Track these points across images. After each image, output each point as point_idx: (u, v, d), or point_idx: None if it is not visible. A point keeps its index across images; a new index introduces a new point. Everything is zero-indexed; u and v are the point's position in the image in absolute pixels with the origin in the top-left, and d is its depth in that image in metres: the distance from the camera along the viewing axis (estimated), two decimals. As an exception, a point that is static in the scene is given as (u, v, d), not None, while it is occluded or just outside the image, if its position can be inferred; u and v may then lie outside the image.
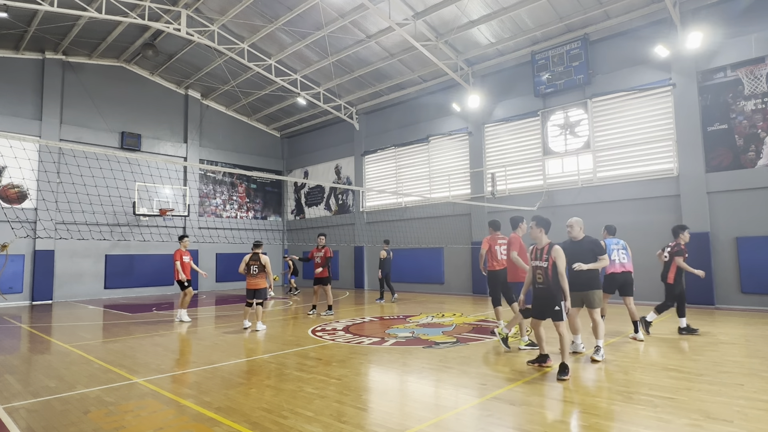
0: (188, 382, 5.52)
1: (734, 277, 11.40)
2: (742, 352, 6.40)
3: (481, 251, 7.99)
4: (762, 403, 4.27)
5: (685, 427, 3.74)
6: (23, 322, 11.53)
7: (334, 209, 22.25)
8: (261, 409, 4.39)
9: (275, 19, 15.30)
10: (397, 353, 6.87)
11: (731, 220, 11.50)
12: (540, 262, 5.63)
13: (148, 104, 19.88)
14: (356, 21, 14.89)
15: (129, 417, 4.25)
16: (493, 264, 7.78)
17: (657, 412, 4.07)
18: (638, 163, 13.09)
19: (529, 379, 5.25)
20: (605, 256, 6.34)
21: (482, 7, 13.69)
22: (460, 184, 17.27)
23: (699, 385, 4.88)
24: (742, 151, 11.47)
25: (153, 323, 10.72)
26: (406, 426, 3.90)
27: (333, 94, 20.02)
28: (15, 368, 6.40)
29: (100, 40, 17.10)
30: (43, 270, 16.45)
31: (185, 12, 15.02)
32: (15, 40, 16.09)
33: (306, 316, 11.40)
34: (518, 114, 15.61)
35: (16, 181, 16.16)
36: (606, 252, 6.55)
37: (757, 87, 11.31)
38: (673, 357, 6.21)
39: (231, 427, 3.95)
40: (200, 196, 21.43)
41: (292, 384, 5.27)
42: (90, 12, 13.53)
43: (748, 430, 3.64)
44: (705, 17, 11.98)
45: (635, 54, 13.17)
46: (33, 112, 16.89)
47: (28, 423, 4.16)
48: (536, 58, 14.83)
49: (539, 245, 5.79)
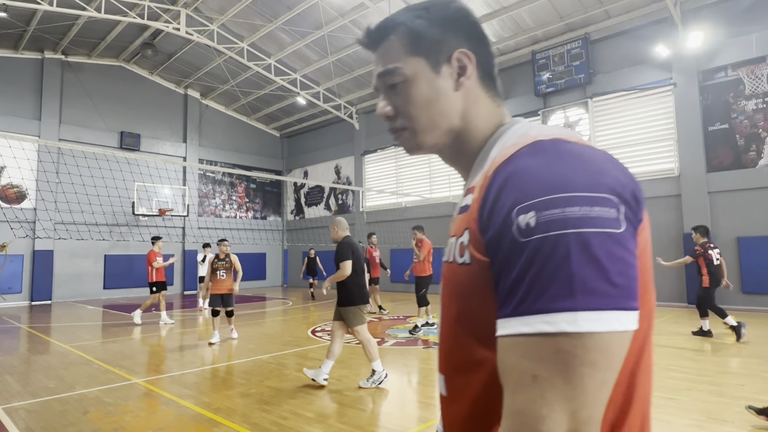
0: (188, 382, 5.51)
1: (735, 277, 11.38)
2: (743, 353, 6.39)
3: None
4: (763, 403, 4.25)
5: (686, 427, 3.72)
6: (22, 322, 11.51)
7: (334, 209, 22.23)
8: (261, 410, 4.38)
9: (275, 18, 15.28)
10: (397, 353, 6.85)
11: (732, 220, 11.49)
12: None
13: (147, 104, 19.86)
14: (356, 20, 14.87)
15: (128, 417, 4.23)
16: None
17: (658, 413, 4.06)
18: (639, 163, 13.08)
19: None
20: (346, 263, 5.13)
21: (482, 6, 13.66)
22: (460, 183, 17.25)
23: (700, 385, 4.87)
24: (743, 151, 11.45)
25: (153, 323, 10.70)
26: (406, 426, 3.88)
27: (333, 94, 20.00)
28: (14, 368, 6.38)
29: (100, 40, 17.08)
30: (42, 270, 16.42)
31: (184, 11, 15.00)
32: (14, 39, 16.07)
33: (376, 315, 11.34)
34: (519, 113, 15.58)
35: (15, 181, 16.14)
36: (346, 259, 5.15)
37: (758, 87, 11.30)
38: (674, 357, 6.19)
39: (231, 427, 3.93)
40: (199, 196, 21.40)
41: (292, 384, 5.25)
42: (89, 11, 13.51)
43: (748, 430, 3.63)
44: (706, 17, 11.96)
45: (636, 53, 13.16)
46: (32, 111, 16.86)
47: (27, 423, 4.15)
48: (537, 57, 14.81)
49: None
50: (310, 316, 11.38)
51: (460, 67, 0.77)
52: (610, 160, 0.60)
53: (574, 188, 0.55)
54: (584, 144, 0.63)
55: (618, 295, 0.52)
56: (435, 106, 0.77)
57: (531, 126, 0.72)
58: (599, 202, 0.54)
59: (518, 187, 0.58)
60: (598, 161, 0.59)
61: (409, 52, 0.77)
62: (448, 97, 0.77)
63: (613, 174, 0.58)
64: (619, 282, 0.52)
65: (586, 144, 0.64)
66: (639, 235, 0.58)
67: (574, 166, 0.57)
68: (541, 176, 0.57)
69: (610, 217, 0.54)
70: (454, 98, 0.77)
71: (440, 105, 0.77)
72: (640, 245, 0.59)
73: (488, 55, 0.80)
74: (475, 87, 0.78)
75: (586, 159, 0.59)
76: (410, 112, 0.78)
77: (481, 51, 0.79)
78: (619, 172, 0.59)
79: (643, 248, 0.60)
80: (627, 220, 0.55)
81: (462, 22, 0.78)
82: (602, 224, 0.53)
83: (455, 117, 0.77)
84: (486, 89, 0.79)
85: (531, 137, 0.66)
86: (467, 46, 0.77)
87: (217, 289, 8.14)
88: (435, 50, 0.77)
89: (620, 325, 0.52)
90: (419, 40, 0.77)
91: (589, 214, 0.53)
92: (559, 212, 0.54)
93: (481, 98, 0.78)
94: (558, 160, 0.59)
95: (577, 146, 0.62)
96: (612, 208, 0.55)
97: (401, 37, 0.78)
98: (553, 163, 0.58)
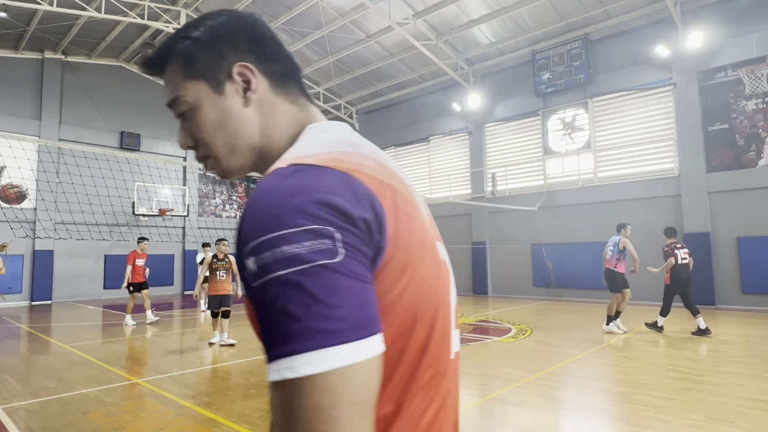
0: (188, 382, 5.51)
1: (735, 277, 11.38)
2: (743, 353, 6.39)
3: None
4: (763, 403, 4.26)
5: (686, 427, 3.72)
6: (22, 322, 11.51)
7: (334, 209, 22.23)
8: (261, 410, 4.38)
9: (275, 18, 15.28)
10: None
11: (732, 220, 11.48)
12: None
13: (147, 104, 19.85)
14: (356, 20, 14.88)
15: (128, 417, 4.23)
16: None
17: (658, 413, 4.06)
18: (639, 163, 13.08)
19: (530, 380, 5.23)
20: None
21: (482, 6, 13.67)
22: (460, 184, 17.25)
23: (700, 385, 4.87)
24: (743, 151, 11.45)
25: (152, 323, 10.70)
26: (407, 427, 3.88)
27: (333, 94, 20.00)
28: (14, 368, 6.38)
29: (100, 40, 17.08)
30: (43, 270, 16.42)
31: (185, 11, 15.00)
32: (14, 39, 16.08)
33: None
34: (519, 114, 15.59)
35: (16, 181, 16.14)
36: None
37: (757, 87, 11.30)
38: (674, 357, 6.19)
39: (231, 427, 3.93)
40: (200, 196, 21.40)
41: (292, 384, 5.25)
42: (89, 11, 13.51)
43: (749, 430, 3.63)
44: (706, 17, 11.96)
45: (636, 53, 13.16)
46: (32, 111, 16.87)
47: (27, 423, 4.15)
48: (537, 57, 14.81)
49: None
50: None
51: (244, 81, 0.72)
52: (336, 184, 0.57)
53: (283, 225, 0.53)
54: (316, 168, 0.59)
55: (343, 328, 0.51)
56: (227, 129, 0.73)
57: (303, 139, 0.71)
58: (309, 237, 0.52)
59: (243, 226, 0.56)
60: (316, 189, 0.55)
61: (186, 78, 0.73)
62: (240, 116, 0.73)
63: (333, 201, 0.55)
64: (340, 315, 0.51)
65: (320, 167, 0.59)
66: (389, 251, 0.58)
67: (286, 200, 0.55)
68: (257, 214, 0.55)
69: (322, 249, 0.52)
70: (246, 115, 0.73)
71: (232, 126, 0.73)
72: (395, 263, 0.59)
73: (279, 58, 0.76)
74: (268, 97, 0.74)
75: (302, 189, 0.55)
76: (205, 140, 0.74)
77: (268, 57, 0.75)
78: (344, 197, 0.56)
79: (403, 266, 0.60)
80: (347, 246, 0.53)
81: (235, 32, 0.74)
82: (315, 258, 0.51)
83: (254, 134, 0.73)
84: (283, 96, 0.75)
85: (282, 160, 0.64)
86: (247, 58, 0.73)
87: (217, 290, 7.84)
88: (212, 70, 0.72)
89: (345, 360, 0.50)
90: (193, 62, 0.73)
91: (299, 251, 0.52)
92: (271, 255, 0.52)
93: (278, 107, 0.75)
94: (274, 193, 0.56)
95: (301, 174, 0.58)
96: (325, 238, 0.53)
97: (175, 64, 0.74)
98: (270, 197, 0.56)
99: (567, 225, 14.19)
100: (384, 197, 0.60)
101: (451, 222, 16.81)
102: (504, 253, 15.21)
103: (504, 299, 14.17)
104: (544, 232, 14.52)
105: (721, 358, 6.10)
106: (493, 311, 11.51)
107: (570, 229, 14.12)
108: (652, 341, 7.30)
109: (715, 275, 11.58)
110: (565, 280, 13.97)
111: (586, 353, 6.54)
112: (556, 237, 14.40)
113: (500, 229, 15.66)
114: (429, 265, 0.65)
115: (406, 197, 0.66)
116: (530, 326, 8.99)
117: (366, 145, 0.70)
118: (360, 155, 0.65)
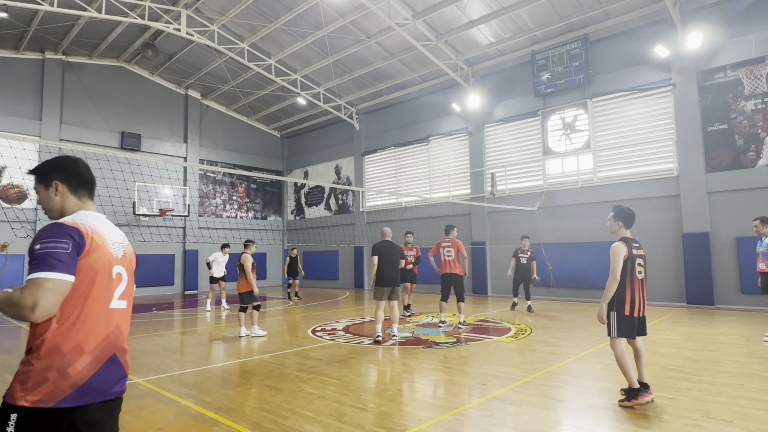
0: (188, 382, 5.52)
1: (734, 277, 11.40)
2: (742, 352, 6.40)
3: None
4: (762, 403, 4.27)
5: (685, 427, 3.74)
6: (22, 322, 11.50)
7: (334, 209, 22.25)
8: (261, 409, 4.39)
9: (275, 18, 15.30)
10: (397, 353, 6.87)
11: (731, 220, 11.50)
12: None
13: (148, 104, 19.88)
14: (356, 21, 14.89)
15: (129, 417, 4.24)
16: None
17: (657, 413, 4.07)
18: (638, 163, 13.10)
19: (529, 379, 5.25)
20: (372, 258, 7.75)
21: (482, 6, 13.69)
22: (460, 184, 17.27)
23: (699, 385, 4.88)
24: (742, 151, 11.47)
25: (153, 323, 10.72)
26: (406, 426, 3.90)
27: (333, 94, 20.02)
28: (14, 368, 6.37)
29: (100, 40, 17.10)
30: (43, 270, 16.42)
31: (185, 12, 15.02)
32: (15, 40, 16.09)
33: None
34: (518, 114, 15.61)
35: (16, 181, 16.16)
36: (372, 256, 7.84)
37: (757, 87, 11.32)
38: (673, 357, 6.20)
39: (231, 427, 3.95)
40: (200, 196, 21.43)
41: (292, 384, 5.27)
42: (90, 12, 13.53)
43: (748, 430, 3.64)
44: (705, 17, 11.98)
45: (635, 54, 13.18)
46: (33, 112, 16.89)
47: (28, 423, 4.15)
48: (536, 58, 14.83)
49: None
50: (311, 315, 11.39)
51: (55, 187, 1.89)
52: (67, 227, 1.76)
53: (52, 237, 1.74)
54: (62, 223, 1.79)
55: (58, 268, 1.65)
56: (47, 205, 1.93)
57: (73, 215, 1.89)
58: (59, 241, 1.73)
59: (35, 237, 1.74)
60: (61, 227, 1.75)
61: (36, 181, 1.92)
62: (53, 200, 1.91)
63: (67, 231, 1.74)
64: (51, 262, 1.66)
65: (63, 223, 1.79)
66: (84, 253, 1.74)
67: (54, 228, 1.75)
68: (42, 231, 1.73)
69: (62, 245, 1.70)
70: (55, 200, 1.91)
71: (48, 205, 1.92)
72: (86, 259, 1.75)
73: (76, 177, 1.93)
74: (66, 194, 1.91)
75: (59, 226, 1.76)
76: (43, 207, 1.95)
77: (71, 178, 1.91)
78: (69, 230, 1.75)
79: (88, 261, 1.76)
80: (71, 245, 1.71)
81: (60, 167, 1.92)
82: (57, 247, 1.68)
83: (57, 209, 1.92)
84: (73, 195, 1.92)
85: (62, 219, 1.85)
86: (59, 178, 1.90)
87: (249, 287, 8.62)
88: (45, 180, 1.91)
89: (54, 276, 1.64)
90: (40, 176, 1.92)
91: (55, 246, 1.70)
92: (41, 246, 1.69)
93: (69, 199, 1.91)
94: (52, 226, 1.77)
95: (59, 223, 1.77)
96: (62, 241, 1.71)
97: (36, 175, 1.92)
98: (48, 227, 1.76)
99: (566, 225, 14.20)
100: (87, 234, 1.76)
101: (450, 222, 16.78)
102: (504, 253, 15.21)
103: (504, 299, 14.18)
104: (544, 233, 14.53)
105: (721, 357, 6.11)
106: (492, 311, 11.53)
107: (569, 229, 14.13)
108: (652, 341, 7.32)
109: (715, 275, 11.59)
110: (564, 280, 13.99)
111: (585, 353, 6.55)
112: (556, 237, 14.41)
113: (500, 229, 15.66)
114: (104, 266, 1.83)
115: (102, 238, 1.84)
116: (530, 326, 9.00)
117: (96, 218, 1.92)
118: (88, 222, 1.83)
